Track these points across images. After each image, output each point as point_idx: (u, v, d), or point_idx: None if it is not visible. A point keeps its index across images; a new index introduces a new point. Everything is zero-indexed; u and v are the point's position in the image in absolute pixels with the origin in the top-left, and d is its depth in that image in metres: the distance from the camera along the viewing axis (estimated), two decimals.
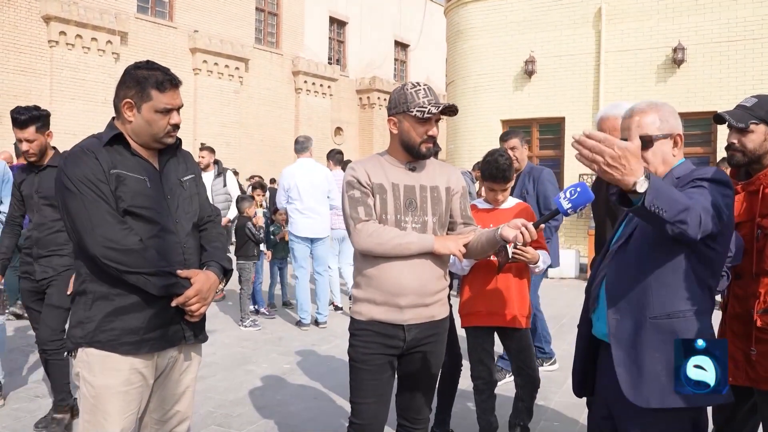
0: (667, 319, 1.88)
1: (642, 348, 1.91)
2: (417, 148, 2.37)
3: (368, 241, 2.32)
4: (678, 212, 1.66)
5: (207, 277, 2.19)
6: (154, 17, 20.56)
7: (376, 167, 2.43)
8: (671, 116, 2.03)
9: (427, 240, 2.34)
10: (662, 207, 1.63)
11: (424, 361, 2.47)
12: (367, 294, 2.40)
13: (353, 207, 2.37)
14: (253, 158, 22.70)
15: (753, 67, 10.86)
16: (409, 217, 2.38)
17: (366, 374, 2.42)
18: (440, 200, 2.45)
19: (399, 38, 30.56)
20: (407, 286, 2.34)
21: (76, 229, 2.05)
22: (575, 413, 4.02)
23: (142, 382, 2.15)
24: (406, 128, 2.37)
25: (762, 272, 2.35)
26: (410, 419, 2.56)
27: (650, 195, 1.61)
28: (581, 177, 12.04)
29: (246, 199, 7.10)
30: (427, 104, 2.32)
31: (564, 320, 6.91)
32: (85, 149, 2.09)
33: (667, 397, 1.85)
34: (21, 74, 17.05)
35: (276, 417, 4.00)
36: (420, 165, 2.46)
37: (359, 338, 2.42)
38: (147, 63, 2.18)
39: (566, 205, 2.17)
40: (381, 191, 2.38)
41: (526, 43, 12.61)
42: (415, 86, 2.38)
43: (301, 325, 6.60)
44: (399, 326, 2.38)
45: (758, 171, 2.44)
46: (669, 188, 1.70)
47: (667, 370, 1.86)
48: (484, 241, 2.39)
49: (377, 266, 2.35)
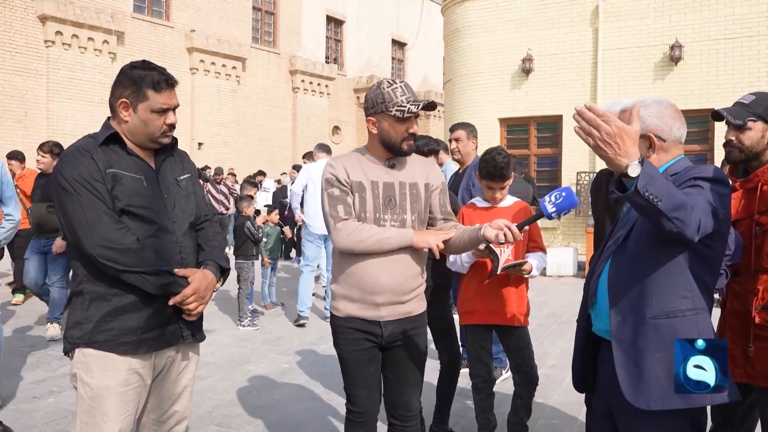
0: (667, 319, 1.88)
1: (643, 349, 1.91)
2: (398, 146, 2.37)
3: (348, 239, 2.32)
4: (675, 207, 1.65)
5: (204, 276, 2.19)
6: (151, 17, 20.55)
7: (355, 165, 2.42)
8: (655, 117, 1.99)
9: (406, 234, 2.34)
10: (657, 195, 1.61)
11: (405, 355, 2.49)
12: (344, 290, 2.42)
13: (332, 205, 2.37)
14: (250, 157, 22.69)
15: (750, 65, 10.88)
16: (388, 215, 2.38)
17: (354, 369, 2.47)
18: (419, 197, 2.45)
19: (396, 37, 30.57)
20: (384, 285, 2.35)
21: (72, 229, 2.04)
22: (574, 411, 4.02)
23: (139, 382, 2.14)
24: (386, 128, 2.35)
25: (760, 269, 2.34)
26: (400, 417, 2.54)
27: (643, 179, 1.60)
28: (579, 175, 12.05)
29: (244, 199, 7.09)
30: (405, 103, 2.30)
31: (562, 318, 6.92)
32: (81, 149, 2.08)
33: (668, 398, 1.85)
34: (17, 74, 17.02)
35: (274, 416, 3.99)
36: (399, 162, 2.45)
37: (341, 335, 2.46)
38: (143, 63, 2.17)
39: (551, 208, 2.22)
40: (360, 189, 2.38)
41: (524, 41, 12.61)
42: (391, 84, 2.35)
43: (300, 319, 6.64)
44: (375, 323, 2.40)
45: (756, 168, 2.44)
46: (665, 180, 1.69)
47: (667, 370, 1.86)
48: (466, 238, 2.39)
49: (355, 264, 2.36)
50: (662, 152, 2.00)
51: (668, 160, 2.00)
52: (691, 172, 1.91)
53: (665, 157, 2.00)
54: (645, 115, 1.98)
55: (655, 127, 1.99)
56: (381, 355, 2.50)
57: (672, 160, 2.01)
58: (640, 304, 1.90)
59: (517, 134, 13.08)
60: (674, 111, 2.03)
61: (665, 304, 1.88)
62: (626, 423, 1.96)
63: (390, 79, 2.39)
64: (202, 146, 21.17)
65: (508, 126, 13.10)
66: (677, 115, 2.03)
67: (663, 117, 1.99)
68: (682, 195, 1.71)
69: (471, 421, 3.66)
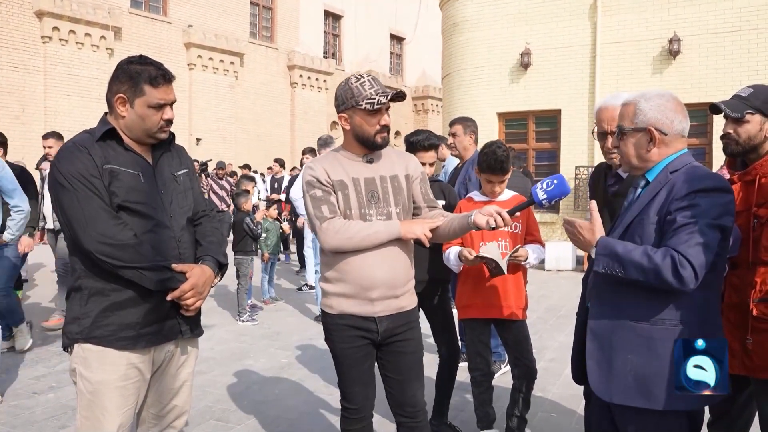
0: (647, 325, 1.89)
1: (617, 347, 1.93)
2: (372, 140, 2.37)
3: (336, 238, 2.32)
4: (641, 273, 1.83)
5: (202, 271, 2.19)
6: (148, 12, 20.47)
7: (333, 164, 2.42)
8: (656, 110, 1.98)
9: (394, 227, 2.35)
10: (616, 270, 1.89)
11: (403, 349, 2.48)
12: (337, 288, 2.41)
13: (317, 206, 2.36)
14: (249, 153, 22.65)
15: (749, 58, 10.86)
16: (373, 210, 2.38)
17: (348, 367, 2.46)
18: (401, 189, 2.45)
19: (394, 31, 30.49)
20: (379, 279, 2.35)
21: (70, 224, 2.04)
22: (573, 404, 4.04)
23: (139, 377, 2.15)
24: (358, 122, 2.36)
25: (758, 261, 2.35)
26: (408, 414, 2.52)
27: (599, 263, 1.93)
28: (577, 169, 12.07)
29: (242, 194, 7.08)
30: (374, 95, 2.31)
31: (561, 312, 6.93)
32: (78, 145, 2.08)
33: (631, 397, 1.90)
34: (14, 71, 16.97)
35: (274, 411, 4.00)
36: (377, 156, 2.46)
37: (335, 333, 2.45)
38: (140, 58, 2.16)
39: (541, 195, 2.23)
40: (342, 187, 2.38)
41: (522, 35, 12.59)
42: (359, 79, 2.37)
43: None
44: (371, 319, 2.39)
45: (754, 161, 2.44)
46: (627, 253, 1.87)
47: (635, 373, 1.89)
48: (456, 226, 2.39)
49: (347, 260, 2.35)
50: (663, 146, 1.99)
51: (670, 153, 2.00)
52: (690, 183, 1.87)
53: (666, 151, 1.99)
54: (646, 108, 1.98)
55: (656, 121, 1.98)
56: (375, 351, 2.49)
57: (674, 154, 2.00)
58: (625, 303, 1.91)
59: (515, 128, 13.07)
60: (676, 104, 2.01)
61: (651, 310, 1.89)
62: (624, 415, 1.97)
63: (357, 74, 2.40)
64: (200, 142, 21.14)
65: (506, 120, 13.09)
66: (679, 108, 2.01)
67: (664, 110, 1.98)
68: (646, 260, 1.82)
69: (470, 414, 3.67)
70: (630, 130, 2.01)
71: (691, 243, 1.79)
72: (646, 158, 2.01)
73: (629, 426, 1.96)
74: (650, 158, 2.00)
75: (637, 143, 2.01)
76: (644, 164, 2.02)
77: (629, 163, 2.06)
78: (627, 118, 2.03)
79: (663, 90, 2.07)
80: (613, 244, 1.92)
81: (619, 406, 1.97)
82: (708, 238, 1.80)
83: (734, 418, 2.62)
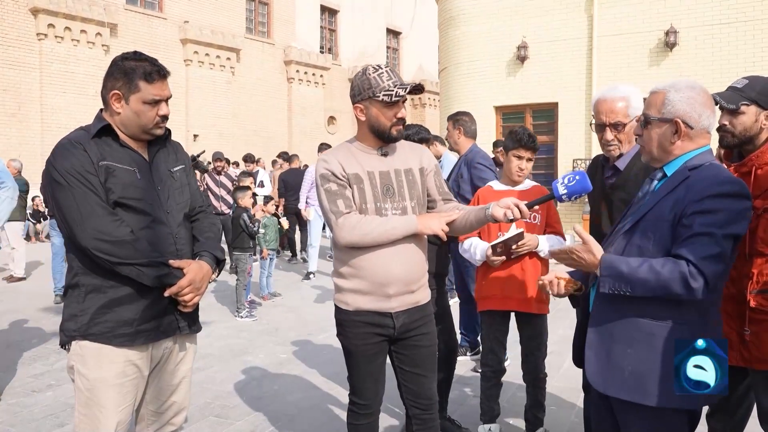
0: (650, 321, 1.88)
1: (618, 339, 1.92)
2: (388, 132, 2.33)
3: (353, 234, 2.28)
4: (649, 290, 1.81)
5: (200, 267, 2.18)
6: (144, 8, 20.38)
7: (348, 157, 2.38)
8: (685, 103, 1.91)
9: (411, 222, 2.32)
10: (623, 290, 1.86)
11: (419, 343, 2.47)
12: (353, 284, 2.38)
13: (332, 201, 2.32)
14: (246, 148, 22.55)
15: (745, 50, 10.85)
16: (388, 204, 2.35)
17: (361, 362, 2.45)
18: (416, 182, 2.42)
19: (391, 26, 30.39)
20: (395, 275, 2.32)
21: (66, 221, 2.03)
22: (572, 397, 4.05)
23: (137, 373, 2.15)
24: (375, 114, 2.31)
25: (755, 253, 2.35)
26: (423, 406, 2.51)
27: (605, 284, 1.89)
28: (575, 162, 12.05)
29: (240, 190, 7.06)
30: (392, 87, 2.27)
31: (560, 304, 6.92)
32: (73, 141, 2.08)
33: (624, 390, 1.89)
34: (10, 68, 16.89)
35: (273, 407, 4.01)
36: (391, 149, 2.42)
37: (350, 329, 2.42)
38: (134, 54, 2.16)
39: (562, 190, 2.17)
40: (357, 181, 2.34)
41: (519, 28, 12.55)
42: (377, 69, 2.32)
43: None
44: (387, 314, 2.37)
45: (750, 152, 2.44)
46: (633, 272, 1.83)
47: (633, 368, 1.88)
48: (472, 219, 2.37)
49: (363, 256, 2.32)
50: (687, 140, 1.93)
51: (692, 148, 1.95)
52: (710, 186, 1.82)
53: (689, 146, 1.94)
54: (675, 99, 1.93)
55: (683, 113, 1.92)
56: (388, 347, 2.48)
57: (696, 150, 1.94)
58: (630, 297, 1.88)
59: (512, 122, 13.04)
60: (706, 98, 1.95)
61: (656, 307, 1.87)
62: (623, 408, 1.97)
63: (375, 65, 2.35)
64: (197, 138, 21.08)
65: (503, 114, 13.07)
66: (708, 102, 1.96)
67: (693, 103, 1.92)
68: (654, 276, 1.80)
69: (469, 408, 3.68)
70: (656, 120, 1.96)
71: (706, 254, 1.76)
72: (669, 150, 1.96)
73: (628, 419, 1.96)
74: (672, 151, 1.95)
75: (662, 134, 1.95)
76: (665, 156, 1.98)
77: (650, 153, 2.01)
78: (654, 107, 1.97)
79: (694, 82, 2.00)
80: (617, 263, 1.87)
81: (618, 400, 1.97)
82: (723, 248, 1.78)
83: (732, 410, 2.63)
